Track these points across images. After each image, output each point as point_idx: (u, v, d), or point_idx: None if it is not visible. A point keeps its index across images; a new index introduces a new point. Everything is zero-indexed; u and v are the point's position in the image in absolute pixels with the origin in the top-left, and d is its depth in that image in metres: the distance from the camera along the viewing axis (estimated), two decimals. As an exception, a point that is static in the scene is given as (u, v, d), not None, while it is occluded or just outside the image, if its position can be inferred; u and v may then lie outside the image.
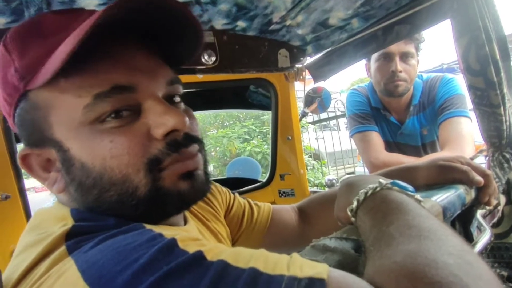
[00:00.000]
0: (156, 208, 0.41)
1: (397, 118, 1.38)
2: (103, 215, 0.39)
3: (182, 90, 0.46)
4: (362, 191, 0.43)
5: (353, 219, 0.43)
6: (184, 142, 0.41)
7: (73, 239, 0.34)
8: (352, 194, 0.44)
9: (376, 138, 1.33)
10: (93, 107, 0.37)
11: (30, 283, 0.32)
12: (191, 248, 0.30)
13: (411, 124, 1.34)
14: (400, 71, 1.24)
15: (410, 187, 0.44)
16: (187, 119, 0.41)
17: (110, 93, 0.38)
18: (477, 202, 0.62)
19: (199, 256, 0.29)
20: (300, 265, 0.28)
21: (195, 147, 0.43)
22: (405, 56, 1.25)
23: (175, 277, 0.27)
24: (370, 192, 0.42)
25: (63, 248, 0.33)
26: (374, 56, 1.29)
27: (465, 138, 1.14)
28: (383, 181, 0.43)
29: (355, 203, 0.43)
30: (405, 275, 0.27)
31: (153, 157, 0.39)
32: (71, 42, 0.34)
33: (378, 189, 0.42)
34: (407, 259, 0.28)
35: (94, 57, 0.38)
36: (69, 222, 0.37)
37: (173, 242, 0.30)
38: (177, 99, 0.45)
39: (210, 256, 0.29)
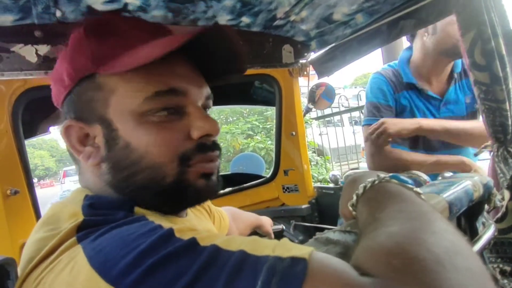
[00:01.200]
0: (175, 199, 0.46)
1: (436, 91, 1.26)
2: (124, 195, 0.45)
3: (211, 105, 0.54)
4: (361, 185, 0.44)
5: (354, 213, 0.44)
6: (211, 146, 0.49)
7: (83, 231, 0.37)
8: (353, 190, 0.45)
9: None
10: (150, 101, 0.45)
11: (41, 268, 0.36)
12: (187, 236, 0.33)
13: (454, 93, 1.24)
14: None
15: (409, 181, 0.45)
16: (219, 127, 0.49)
17: (167, 93, 0.46)
18: (485, 198, 0.61)
19: (193, 242, 0.32)
20: (286, 247, 0.31)
21: (217, 153, 0.51)
22: None
23: (171, 260, 0.30)
24: (369, 185, 0.43)
25: (73, 238, 0.36)
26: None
27: None
28: (382, 175, 0.44)
29: (354, 197, 0.44)
30: (383, 252, 0.29)
31: (186, 152, 0.46)
32: (159, 50, 0.43)
33: (376, 182, 0.43)
34: (388, 238, 0.30)
35: (158, 61, 0.43)
36: (80, 218, 0.39)
37: (170, 232, 0.34)
38: (207, 111, 0.54)
39: (204, 242, 0.32)
